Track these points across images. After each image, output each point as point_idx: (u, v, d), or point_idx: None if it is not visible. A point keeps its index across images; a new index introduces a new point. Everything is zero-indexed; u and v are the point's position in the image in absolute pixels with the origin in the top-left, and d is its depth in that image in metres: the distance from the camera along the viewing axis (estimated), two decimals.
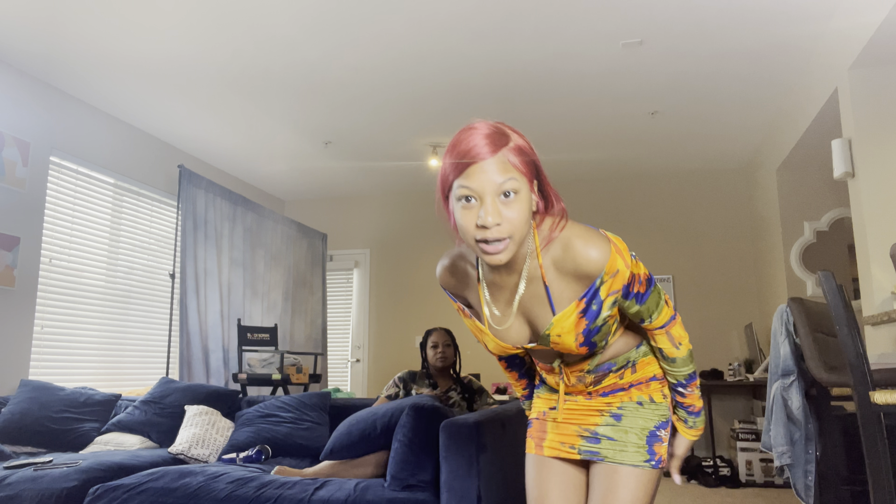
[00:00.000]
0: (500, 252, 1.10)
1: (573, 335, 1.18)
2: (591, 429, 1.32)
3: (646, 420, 1.30)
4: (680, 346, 1.27)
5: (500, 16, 3.58)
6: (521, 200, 1.10)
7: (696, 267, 6.23)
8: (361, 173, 6.42)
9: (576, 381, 1.34)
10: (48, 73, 4.17)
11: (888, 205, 3.41)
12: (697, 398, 1.33)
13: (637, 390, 1.32)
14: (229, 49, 3.91)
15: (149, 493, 2.37)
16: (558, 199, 1.19)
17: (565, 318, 1.18)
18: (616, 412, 1.31)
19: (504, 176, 1.08)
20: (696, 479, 4.95)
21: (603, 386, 1.33)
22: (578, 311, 1.17)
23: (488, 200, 1.09)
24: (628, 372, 1.32)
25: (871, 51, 3.33)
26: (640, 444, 1.27)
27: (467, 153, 1.09)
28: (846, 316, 1.91)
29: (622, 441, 1.28)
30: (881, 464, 1.81)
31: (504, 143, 1.11)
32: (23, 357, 3.99)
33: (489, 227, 1.08)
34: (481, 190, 1.09)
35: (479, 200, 1.10)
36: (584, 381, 1.33)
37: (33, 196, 4.12)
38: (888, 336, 3.22)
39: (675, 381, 1.31)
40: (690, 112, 4.92)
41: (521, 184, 1.10)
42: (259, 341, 4.86)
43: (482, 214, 1.08)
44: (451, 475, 2.22)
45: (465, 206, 1.11)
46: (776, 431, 2.58)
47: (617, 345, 1.31)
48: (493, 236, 1.09)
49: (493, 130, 1.11)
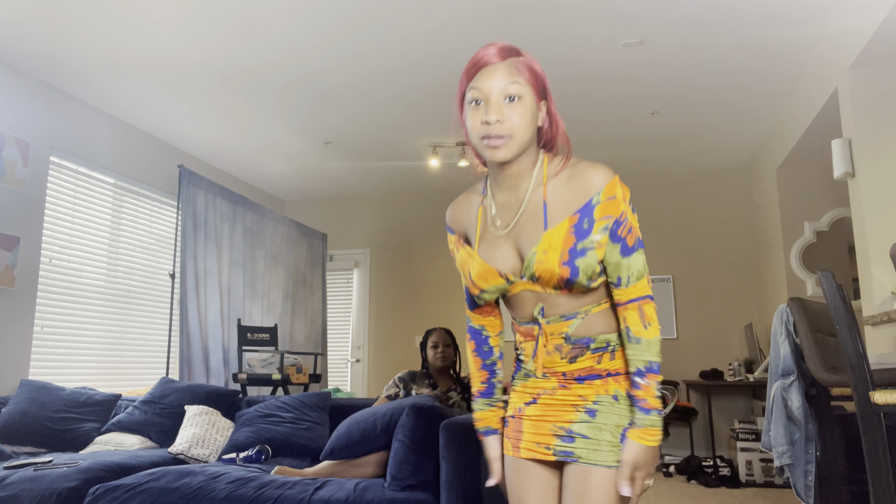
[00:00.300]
0: (500, 148, 1.20)
1: (559, 252, 1.20)
2: (566, 426, 1.27)
3: (620, 417, 1.26)
4: (648, 327, 1.23)
5: (500, 16, 3.58)
6: (524, 105, 1.21)
7: (696, 267, 6.23)
8: (361, 173, 6.43)
9: (553, 350, 1.29)
10: (48, 73, 4.17)
11: (888, 205, 3.41)
12: (654, 395, 1.23)
13: (614, 381, 1.27)
14: (229, 49, 3.91)
15: (149, 493, 2.37)
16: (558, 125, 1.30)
17: (556, 234, 1.22)
18: (591, 407, 1.26)
19: (509, 80, 1.20)
20: (696, 479, 4.95)
21: (579, 367, 1.28)
22: (571, 225, 1.21)
23: (493, 100, 1.20)
24: (606, 357, 1.27)
25: (871, 51, 3.33)
26: (614, 444, 1.24)
27: (479, 59, 1.23)
28: (846, 316, 1.91)
29: (596, 439, 1.24)
30: (881, 464, 1.81)
31: (514, 54, 1.23)
32: (23, 357, 4.00)
33: (491, 123, 1.19)
34: (488, 90, 1.20)
35: (486, 102, 1.21)
36: (561, 350, 1.28)
37: (33, 196, 4.12)
38: (888, 336, 3.22)
39: (635, 368, 1.24)
40: (690, 112, 4.92)
41: (525, 90, 1.21)
42: (259, 341, 4.86)
43: (486, 112, 1.20)
44: (451, 475, 2.22)
45: (474, 109, 1.23)
46: (776, 431, 2.58)
47: (598, 320, 1.28)
48: (494, 132, 1.19)
49: (507, 44, 1.24)
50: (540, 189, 1.27)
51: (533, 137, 1.25)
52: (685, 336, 6.15)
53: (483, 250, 1.31)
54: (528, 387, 1.35)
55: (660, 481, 4.97)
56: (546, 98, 1.27)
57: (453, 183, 6.74)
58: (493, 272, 1.28)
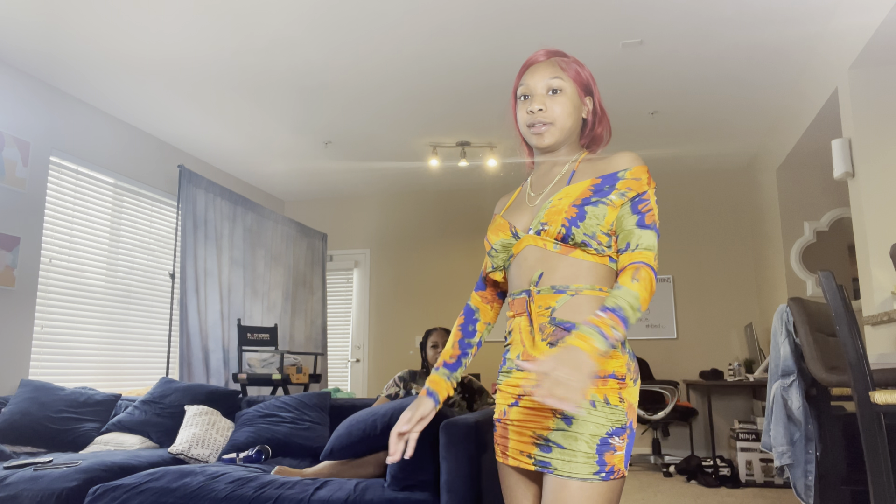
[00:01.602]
0: (544, 134, 1.35)
1: (572, 199, 1.28)
2: (543, 434, 1.24)
3: (597, 426, 1.20)
4: (636, 282, 1.19)
5: (499, 16, 3.58)
6: (566, 97, 1.35)
7: (696, 267, 6.23)
8: (361, 173, 6.43)
9: (537, 330, 1.28)
10: (48, 73, 4.17)
11: (888, 205, 3.41)
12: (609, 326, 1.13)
13: (592, 385, 1.20)
14: (229, 49, 3.91)
15: (149, 493, 2.37)
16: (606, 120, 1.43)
17: (575, 188, 1.31)
18: (567, 414, 1.22)
19: (552, 75, 1.36)
20: (696, 479, 4.95)
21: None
22: (591, 184, 1.30)
23: (538, 93, 1.36)
24: None
25: (871, 51, 3.33)
26: (589, 454, 1.19)
27: (529, 60, 1.41)
28: (846, 316, 1.91)
29: (571, 450, 1.20)
30: (881, 464, 1.81)
31: (558, 55, 1.39)
32: (23, 357, 4.00)
33: (535, 112, 1.35)
34: (533, 85, 1.37)
35: (532, 95, 1.37)
36: (543, 331, 1.27)
37: (33, 196, 4.12)
38: (888, 336, 3.22)
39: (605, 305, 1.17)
40: (690, 112, 4.92)
41: (567, 84, 1.36)
42: (259, 341, 4.86)
43: (531, 103, 1.36)
44: (451, 475, 2.22)
45: (522, 103, 1.39)
46: (776, 431, 2.58)
47: (586, 305, 1.26)
48: (537, 120, 1.35)
49: (554, 48, 1.42)
50: (573, 167, 1.39)
51: (575, 127, 1.38)
52: (685, 336, 6.15)
53: (508, 212, 1.43)
54: (509, 385, 1.35)
55: (660, 481, 4.97)
56: (592, 95, 1.40)
57: (453, 183, 6.74)
58: (505, 225, 1.37)
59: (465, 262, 6.80)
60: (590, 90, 1.40)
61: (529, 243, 1.32)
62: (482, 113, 4.93)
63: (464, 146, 5.62)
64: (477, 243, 6.82)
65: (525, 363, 1.06)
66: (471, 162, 6.01)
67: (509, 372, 1.35)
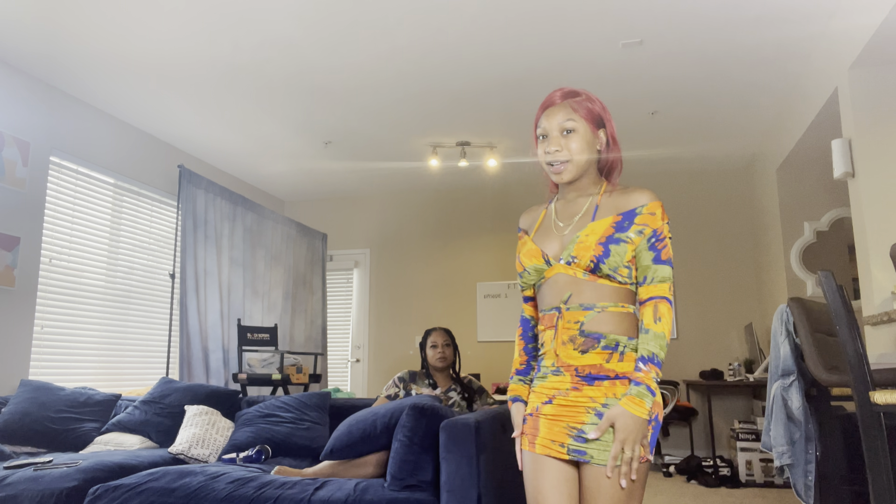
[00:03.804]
0: (562, 172, 1.51)
1: (598, 236, 1.45)
2: (579, 427, 1.40)
3: None
4: (658, 322, 1.41)
5: (500, 17, 3.58)
6: (579, 135, 1.50)
7: (697, 267, 6.23)
8: (361, 173, 6.43)
9: (567, 341, 1.45)
10: (48, 73, 4.17)
11: (888, 205, 3.41)
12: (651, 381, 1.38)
13: (622, 384, 1.40)
14: (229, 49, 3.91)
15: (149, 493, 2.37)
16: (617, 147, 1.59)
17: (600, 224, 1.47)
18: (601, 410, 1.39)
19: (565, 118, 1.50)
20: (696, 479, 4.95)
21: (589, 363, 1.42)
22: (613, 221, 1.47)
23: (553, 135, 1.51)
24: (615, 357, 1.42)
25: (871, 51, 3.33)
26: None
27: (546, 101, 1.56)
28: (846, 316, 1.91)
29: (606, 441, 1.37)
30: (881, 464, 1.82)
31: (572, 96, 1.53)
32: (23, 357, 4.00)
33: (551, 153, 1.50)
34: (550, 126, 1.52)
35: (548, 136, 1.52)
36: (574, 341, 1.44)
37: (33, 196, 4.12)
38: (888, 336, 3.22)
39: (640, 355, 1.40)
40: (690, 112, 4.92)
41: (579, 124, 1.50)
42: (259, 341, 4.86)
43: (548, 144, 1.52)
44: (451, 475, 2.22)
45: (541, 142, 1.54)
46: (776, 431, 2.58)
47: (612, 319, 1.44)
48: (554, 159, 1.51)
49: (568, 89, 1.56)
50: (596, 201, 1.54)
51: (591, 160, 1.53)
52: (685, 336, 6.15)
53: (537, 237, 1.58)
54: (545, 387, 1.49)
55: (660, 481, 4.97)
56: (604, 126, 1.55)
57: (453, 183, 6.74)
58: (538, 252, 1.53)
59: (466, 262, 6.80)
60: (601, 123, 1.54)
61: (560, 271, 1.49)
62: (482, 113, 4.93)
63: (464, 146, 5.62)
64: (477, 243, 6.82)
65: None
66: (471, 162, 6.01)
67: (544, 377, 1.51)
